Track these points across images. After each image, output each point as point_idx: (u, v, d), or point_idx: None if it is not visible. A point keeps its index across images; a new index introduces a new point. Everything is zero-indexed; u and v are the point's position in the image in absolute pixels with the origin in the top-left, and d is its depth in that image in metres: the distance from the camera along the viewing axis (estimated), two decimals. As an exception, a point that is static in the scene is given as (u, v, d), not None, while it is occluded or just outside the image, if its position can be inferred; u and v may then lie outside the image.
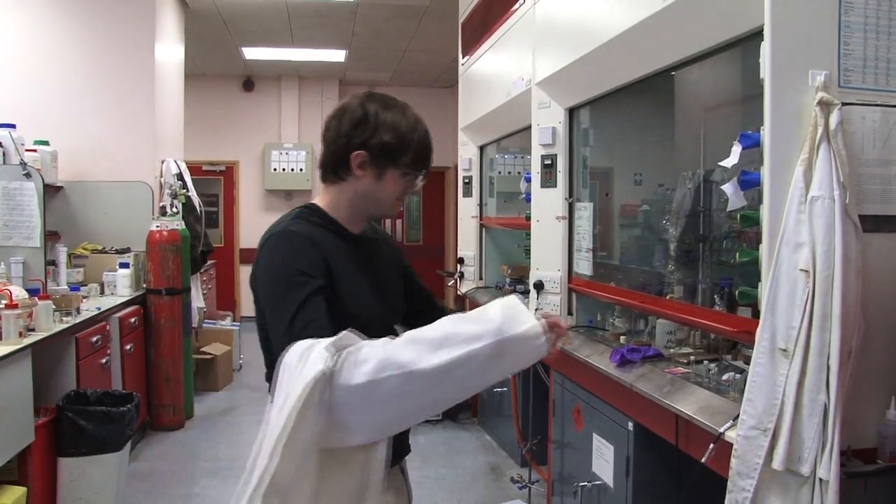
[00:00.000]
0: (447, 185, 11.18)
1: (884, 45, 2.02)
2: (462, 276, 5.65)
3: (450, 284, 6.37)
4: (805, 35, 1.99)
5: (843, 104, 1.96)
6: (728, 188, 2.20)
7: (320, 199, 1.81)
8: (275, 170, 10.41)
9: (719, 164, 2.31)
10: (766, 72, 1.99)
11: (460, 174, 5.85)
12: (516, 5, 4.11)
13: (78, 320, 4.21)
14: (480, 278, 5.54)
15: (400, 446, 1.79)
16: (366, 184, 1.73)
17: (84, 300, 4.71)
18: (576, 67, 3.29)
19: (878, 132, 2.00)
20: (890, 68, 2.03)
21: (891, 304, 2.01)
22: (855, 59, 2.00)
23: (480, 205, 5.53)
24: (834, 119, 1.92)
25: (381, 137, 1.69)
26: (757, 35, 2.06)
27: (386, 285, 1.86)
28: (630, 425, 2.78)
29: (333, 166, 1.75)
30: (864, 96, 2.00)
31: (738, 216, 2.24)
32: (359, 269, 1.75)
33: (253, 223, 10.61)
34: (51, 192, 5.45)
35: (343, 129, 1.71)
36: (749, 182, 2.16)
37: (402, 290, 1.97)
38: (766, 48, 1.99)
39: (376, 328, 1.67)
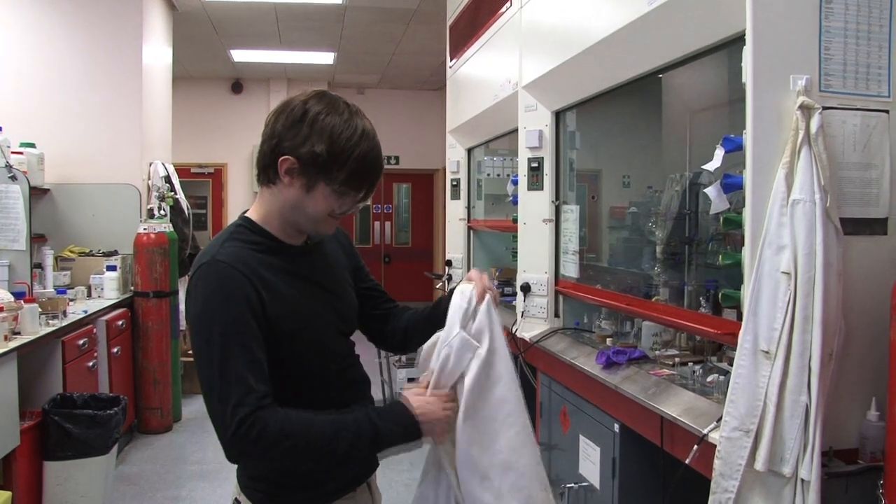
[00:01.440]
0: (436, 188, 11.19)
1: (863, 50, 2.04)
2: (450, 278, 5.65)
3: (438, 287, 6.38)
4: (786, 40, 2.01)
5: (824, 108, 1.98)
6: (711, 191, 2.22)
7: (254, 208, 1.66)
8: (263, 172, 10.37)
9: (703, 167, 2.32)
10: (748, 76, 2.01)
11: (448, 177, 5.86)
12: (503, 8, 4.12)
13: (64, 323, 4.19)
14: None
15: (368, 463, 1.76)
16: (293, 194, 1.55)
17: (71, 303, 4.70)
18: (562, 70, 3.30)
19: (858, 136, 2.02)
20: (870, 73, 2.05)
21: (871, 307, 2.02)
22: (835, 64, 2.02)
23: (468, 207, 5.54)
24: (815, 123, 1.93)
25: (313, 145, 1.50)
26: (740, 39, 2.07)
27: (334, 294, 1.73)
28: (616, 427, 2.79)
29: (264, 167, 1.57)
30: (845, 100, 2.02)
31: (722, 219, 2.26)
32: (297, 284, 1.62)
33: (241, 225, 10.57)
34: (37, 194, 5.44)
35: (277, 127, 1.53)
36: (732, 185, 2.18)
37: (353, 293, 1.83)
38: (747, 53, 2.01)
39: (328, 339, 1.68)
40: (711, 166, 2.20)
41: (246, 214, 1.66)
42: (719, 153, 2.18)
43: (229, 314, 1.48)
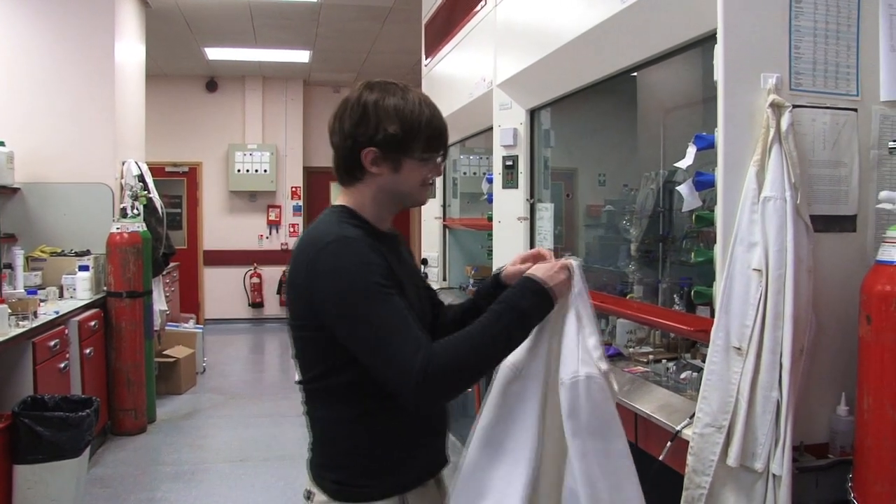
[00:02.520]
0: (413, 186, 11.16)
1: (832, 49, 2.06)
2: (426, 276, 5.65)
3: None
4: (757, 39, 2.03)
5: (794, 106, 1.99)
6: (683, 189, 2.23)
7: (345, 200, 1.68)
8: (239, 171, 10.33)
9: (675, 164, 2.34)
10: (719, 74, 2.03)
11: (424, 175, 5.85)
12: (478, 6, 4.13)
13: (35, 324, 4.14)
14: (444, 279, 5.55)
15: (437, 457, 1.74)
16: (385, 179, 1.62)
17: (42, 304, 4.64)
18: (536, 69, 3.31)
19: (828, 134, 2.04)
20: (839, 72, 2.07)
21: (840, 303, 2.05)
22: (805, 63, 2.04)
23: (444, 206, 5.54)
24: (785, 121, 1.95)
25: (386, 129, 1.57)
26: (712, 38, 2.09)
27: (419, 285, 1.81)
28: (591, 424, 2.79)
29: (347, 168, 1.64)
30: (815, 99, 2.04)
31: (694, 216, 2.27)
32: (398, 269, 1.64)
33: (217, 225, 10.53)
34: (6, 193, 5.37)
35: (346, 128, 1.61)
36: (704, 183, 2.19)
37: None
38: (719, 51, 2.02)
39: (424, 322, 1.67)
40: (683, 164, 2.22)
41: (338, 205, 1.68)
42: (691, 151, 2.19)
43: (376, 275, 1.51)
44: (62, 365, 4.48)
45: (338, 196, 1.72)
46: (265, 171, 10.38)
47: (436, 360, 1.45)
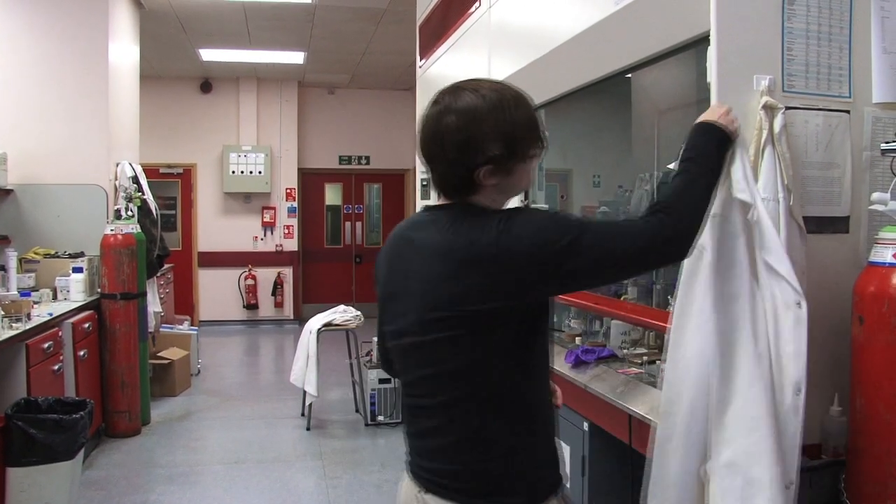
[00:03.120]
0: (406, 188, 11.18)
1: (825, 51, 2.07)
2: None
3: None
4: (750, 41, 2.04)
5: (787, 108, 2.01)
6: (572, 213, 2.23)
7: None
8: (233, 172, 10.32)
9: (668, 166, 2.34)
10: (712, 76, 2.03)
11: (418, 176, 5.86)
12: (472, 8, 4.13)
13: (28, 326, 4.13)
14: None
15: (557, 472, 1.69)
16: (500, 185, 1.59)
17: (35, 306, 4.62)
18: (531, 70, 3.31)
19: (821, 135, 2.05)
20: (831, 73, 2.08)
21: (833, 304, 2.05)
22: (798, 65, 2.05)
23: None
24: (778, 123, 1.96)
25: (492, 151, 1.54)
26: (705, 40, 2.09)
27: None
28: (585, 425, 2.80)
29: (462, 188, 1.58)
30: (807, 100, 2.05)
31: (688, 218, 2.27)
32: None
33: (211, 226, 10.51)
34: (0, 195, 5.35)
35: (451, 155, 1.55)
36: (697, 184, 2.19)
37: None
38: (712, 53, 2.03)
39: None
40: (676, 165, 2.22)
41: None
42: (684, 152, 2.19)
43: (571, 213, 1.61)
44: (56, 367, 4.46)
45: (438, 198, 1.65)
46: (260, 172, 10.37)
47: (667, 218, 1.53)
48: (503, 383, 1.57)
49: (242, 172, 10.35)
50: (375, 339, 1.95)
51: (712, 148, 1.71)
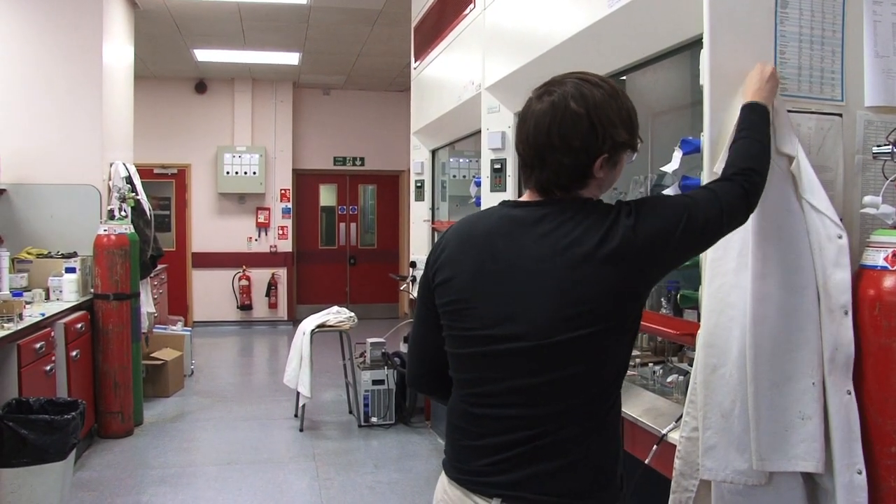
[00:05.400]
0: (401, 189, 11.18)
1: (818, 55, 2.07)
2: (415, 279, 5.64)
3: (402, 288, 6.37)
4: (743, 43, 2.04)
5: (780, 111, 2.00)
6: (669, 193, 2.23)
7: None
8: (228, 173, 10.30)
9: (661, 168, 2.34)
10: (705, 79, 2.03)
11: (412, 178, 5.86)
12: (467, 10, 4.13)
13: (20, 326, 4.11)
14: (433, 282, 5.54)
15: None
16: (605, 179, 1.59)
17: (28, 306, 4.61)
18: (524, 72, 3.31)
19: (813, 139, 2.05)
20: (824, 77, 2.08)
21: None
22: (790, 68, 2.05)
23: (433, 209, 5.54)
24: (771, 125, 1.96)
25: (614, 138, 1.54)
26: (699, 42, 2.10)
27: None
28: (578, 427, 2.80)
29: (577, 181, 1.56)
30: (800, 104, 2.05)
31: (680, 220, 2.27)
32: None
33: (205, 227, 10.50)
34: (-7, 195, 5.34)
35: (575, 143, 1.51)
36: (690, 187, 2.20)
37: None
38: (705, 55, 2.03)
39: None
40: (669, 168, 2.22)
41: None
42: (677, 155, 2.20)
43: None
44: (48, 367, 4.45)
45: (538, 194, 1.60)
46: (254, 173, 10.36)
47: (746, 182, 1.68)
48: (613, 388, 1.58)
49: (237, 173, 10.33)
50: (406, 346, 1.91)
51: (764, 125, 1.84)
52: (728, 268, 1.93)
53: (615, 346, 1.54)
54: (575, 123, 1.51)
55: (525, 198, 1.62)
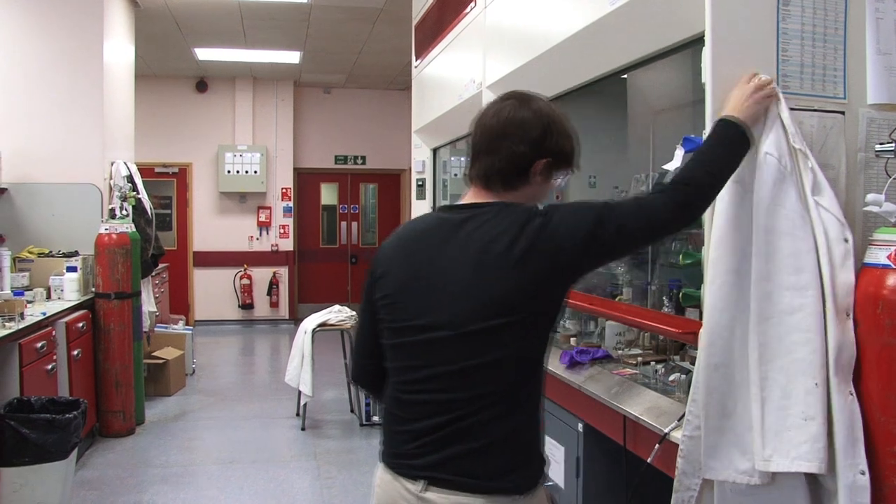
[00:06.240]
0: (402, 188, 11.17)
1: (819, 52, 2.06)
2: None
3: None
4: (745, 41, 2.03)
5: (782, 109, 1.99)
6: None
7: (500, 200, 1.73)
8: (229, 172, 10.30)
9: (663, 167, 2.34)
10: (707, 76, 2.03)
11: (413, 177, 5.85)
12: (468, 8, 4.12)
13: (21, 326, 4.11)
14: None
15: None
16: (534, 189, 1.72)
17: (29, 305, 4.61)
18: (526, 70, 3.30)
19: (816, 136, 2.04)
20: (826, 74, 2.07)
21: (828, 305, 2.05)
22: (792, 66, 2.05)
23: (434, 207, 5.53)
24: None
25: (563, 146, 1.71)
26: (700, 40, 2.09)
27: None
28: (580, 426, 2.80)
29: (516, 175, 1.69)
30: (802, 101, 2.04)
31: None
32: None
33: (207, 226, 10.49)
34: (-6, 194, 5.34)
35: (528, 135, 1.67)
36: (692, 185, 2.19)
37: None
38: (707, 53, 2.02)
39: None
40: (671, 166, 2.21)
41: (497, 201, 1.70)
42: (679, 153, 2.19)
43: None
44: (49, 367, 4.45)
45: (476, 196, 1.73)
46: (255, 172, 10.35)
47: (676, 195, 1.70)
48: (530, 374, 1.67)
49: (238, 172, 10.33)
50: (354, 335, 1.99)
51: (722, 144, 1.82)
52: (731, 266, 1.92)
53: (530, 336, 1.65)
54: (532, 120, 1.68)
55: (462, 200, 1.76)
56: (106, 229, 5.42)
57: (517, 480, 1.65)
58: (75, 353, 4.85)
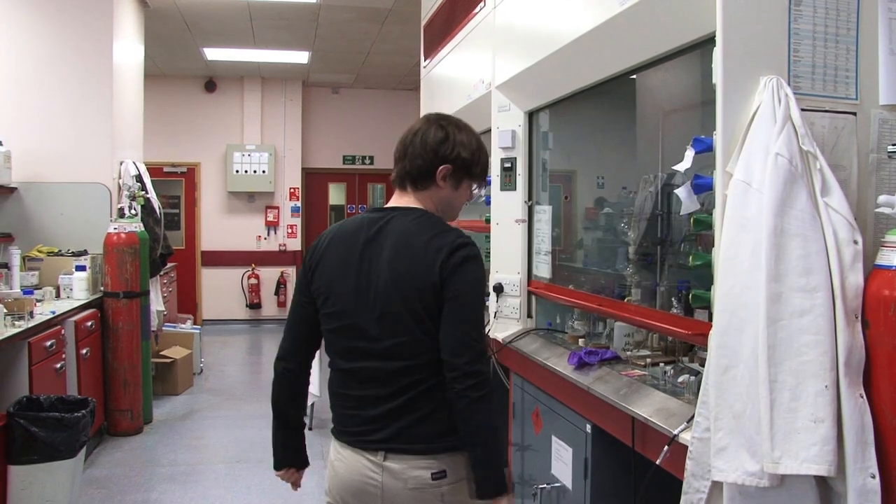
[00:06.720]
0: (411, 188, 11.15)
1: (831, 53, 2.05)
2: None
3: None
4: (756, 41, 2.02)
5: (793, 110, 1.98)
6: (681, 192, 2.22)
7: (415, 202, 2.03)
8: (237, 171, 10.33)
9: (673, 167, 2.33)
10: (718, 77, 2.02)
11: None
12: (477, 8, 4.12)
13: (31, 324, 4.13)
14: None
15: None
16: (446, 193, 2.04)
17: (38, 304, 4.62)
18: (535, 71, 3.30)
19: (827, 137, 2.03)
20: (837, 75, 2.06)
21: (839, 307, 2.03)
22: (804, 66, 2.03)
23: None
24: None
25: (460, 153, 2.00)
26: (711, 41, 2.08)
27: None
28: (588, 427, 2.79)
29: (423, 176, 2.01)
30: (814, 102, 2.03)
31: (692, 220, 2.26)
32: None
33: (215, 225, 10.52)
34: (3, 193, 5.37)
35: (428, 146, 1.99)
36: (702, 186, 2.18)
37: None
38: (717, 54, 2.01)
39: None
40: (681, 167, 2.21)
41: (416, 207, 2.02)
42: (689, 154, 2.18)
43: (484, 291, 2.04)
44: (58, 365, 4.46)
45: (398, 198, 2.05)
46: (263, 171, 10.37)
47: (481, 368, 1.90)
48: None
49: (246, 172, 10.35)
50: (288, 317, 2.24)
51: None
52: (741, 268, 1.91)
53: (436, 319, 1.91)
54: (435, 132, 2.01)
55: (388, 203, 2.07)
56: (115, 228, 5.44)
57: (454, 441, 1.93)
58: (84, 351, 4.87)
